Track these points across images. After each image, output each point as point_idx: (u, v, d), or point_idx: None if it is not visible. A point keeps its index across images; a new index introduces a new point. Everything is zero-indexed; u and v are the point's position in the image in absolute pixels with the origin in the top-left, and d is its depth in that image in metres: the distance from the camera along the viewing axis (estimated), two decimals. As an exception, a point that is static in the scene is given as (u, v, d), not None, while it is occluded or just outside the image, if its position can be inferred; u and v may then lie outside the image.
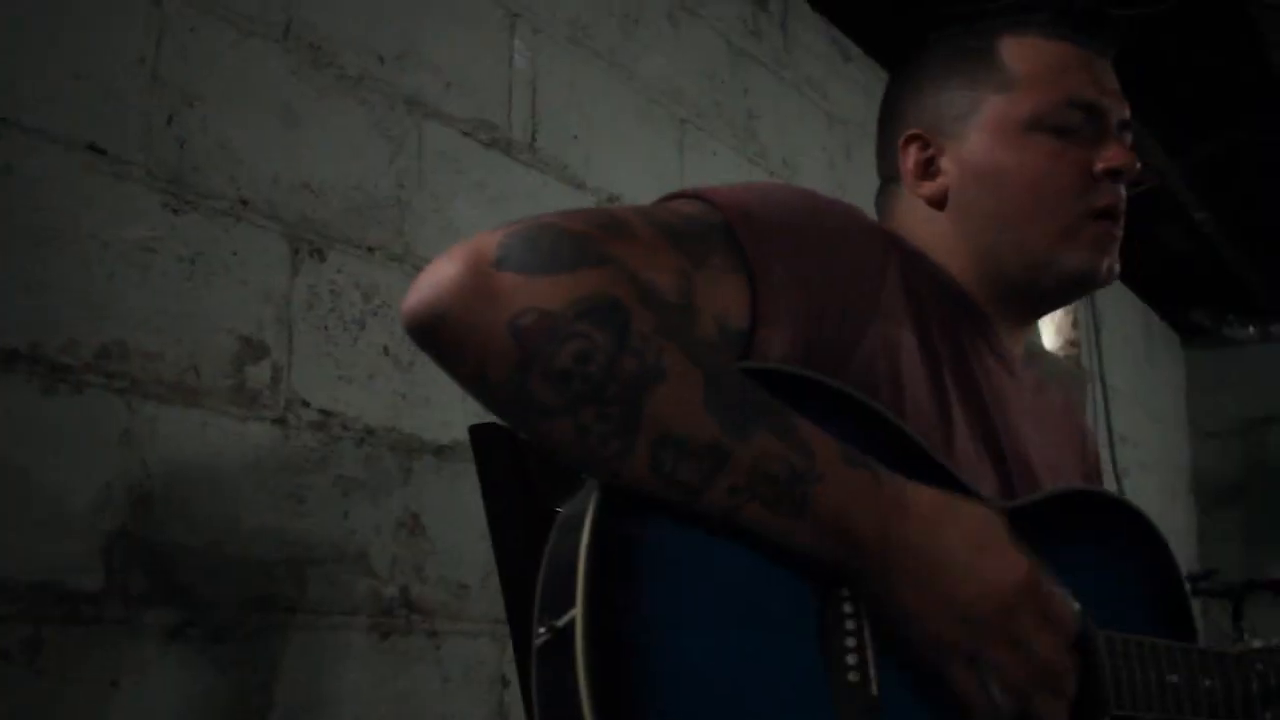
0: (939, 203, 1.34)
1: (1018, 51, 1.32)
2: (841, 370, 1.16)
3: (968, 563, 1.01)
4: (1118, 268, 1.33)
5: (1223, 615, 4.99)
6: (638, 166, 2.60)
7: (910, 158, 1.36)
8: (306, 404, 1.83)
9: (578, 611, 0.91)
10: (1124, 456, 5.13)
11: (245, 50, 1.81)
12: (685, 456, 0.94)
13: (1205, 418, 6.17)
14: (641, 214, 1.09)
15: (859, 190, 3.40)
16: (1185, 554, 5.74)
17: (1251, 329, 6.08)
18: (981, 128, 1.31)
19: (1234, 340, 6.11)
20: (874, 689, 1.00)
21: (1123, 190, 1.32)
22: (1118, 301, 5.43)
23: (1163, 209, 4.97)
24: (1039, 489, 1.30)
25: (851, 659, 1.00)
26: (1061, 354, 4.94)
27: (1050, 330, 4.98)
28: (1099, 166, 1.29)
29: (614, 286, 0.95)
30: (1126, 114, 1.33)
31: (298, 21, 1.89)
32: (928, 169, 1.35)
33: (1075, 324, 4.97)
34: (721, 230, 1.11)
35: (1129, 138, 1.33)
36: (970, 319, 1.33)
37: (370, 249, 1.96)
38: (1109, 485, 4.77)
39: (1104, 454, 4.82)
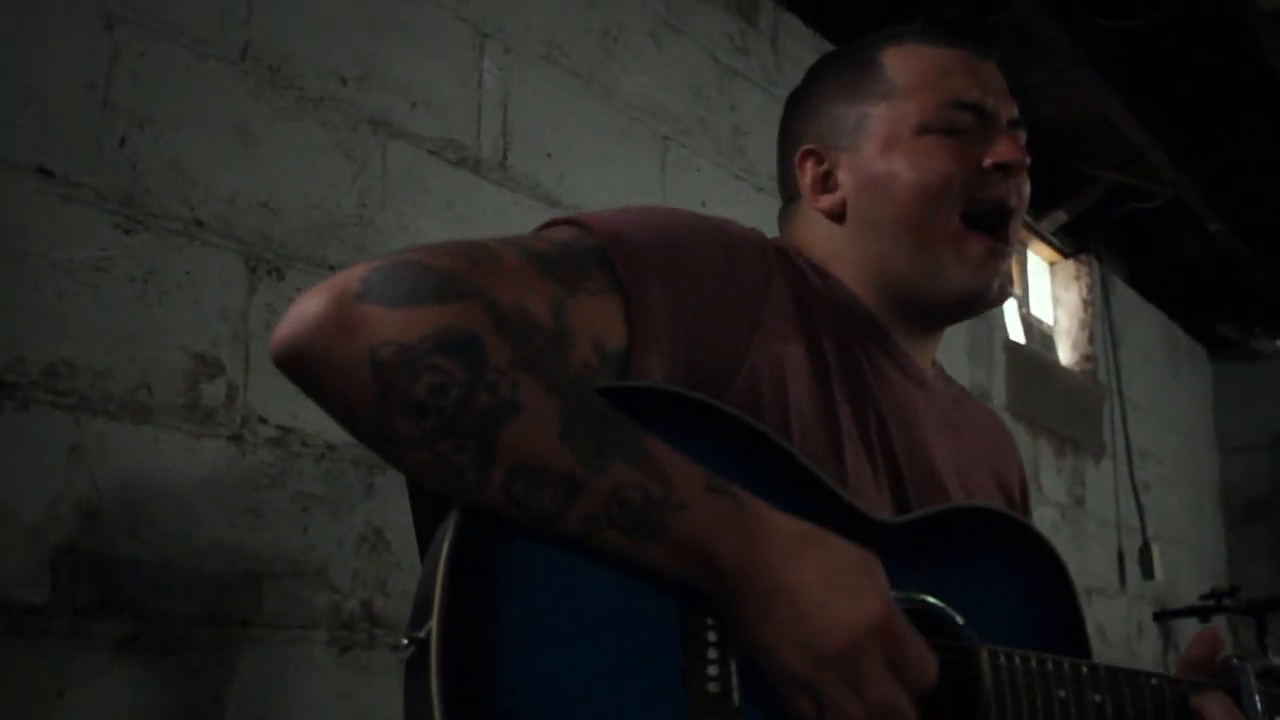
0: (838, 215, 1.36)
1: (899, 61, 1.35)
2: (725, 388, 1.16)
3: (821, 598, 0.99)
4: (1010, 287, 1.34)
5: (1247, 633, 4.91)
6: (617, 184, 2.61)
7: (808, 173, 1.38)
8: (264, 420, 1.86)
9: (433, 623, 0.92)
10: (1146, 471, 5.08)
11: (200, 73, 1.84)
12: (540, 486, 0.96)
13: (1233, 432, 6.09)
14: (512, 243, 1.11)
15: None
16: (1213, 570, 5.66)
17: (1279, 342, 6.00)
18: (873, 138, 1.34)
19: (1262, 354, 6.03)
20: (735, 699, 1.00)
21: (1023, 187, 1.34)
22: (1138, 315, 5.38)
23: (1179, 222, 4.94)
24: (946, 499, 1.30)
25: (713, 670, 1.00)
26: (1077, 369, 4.91)
27: (1066, 345, 4.95)
28: (988, 161, 1.31)
29: (472, 319, 0.97)
30: (1015, 113, 1.36)
31: (256, 44, 1.93)
32: (826, 183, 1.38)
33: (1091, 339, 4.93)
34: (596, 254, 1.13)
35: (1022, 136, 1.35)
36: (868, 331, 1.34)
37: (332, 267, 1.99)
38: (1125, 502, 4.70)
39: (1121, 470, 4.78)
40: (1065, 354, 4.96)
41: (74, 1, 1.70)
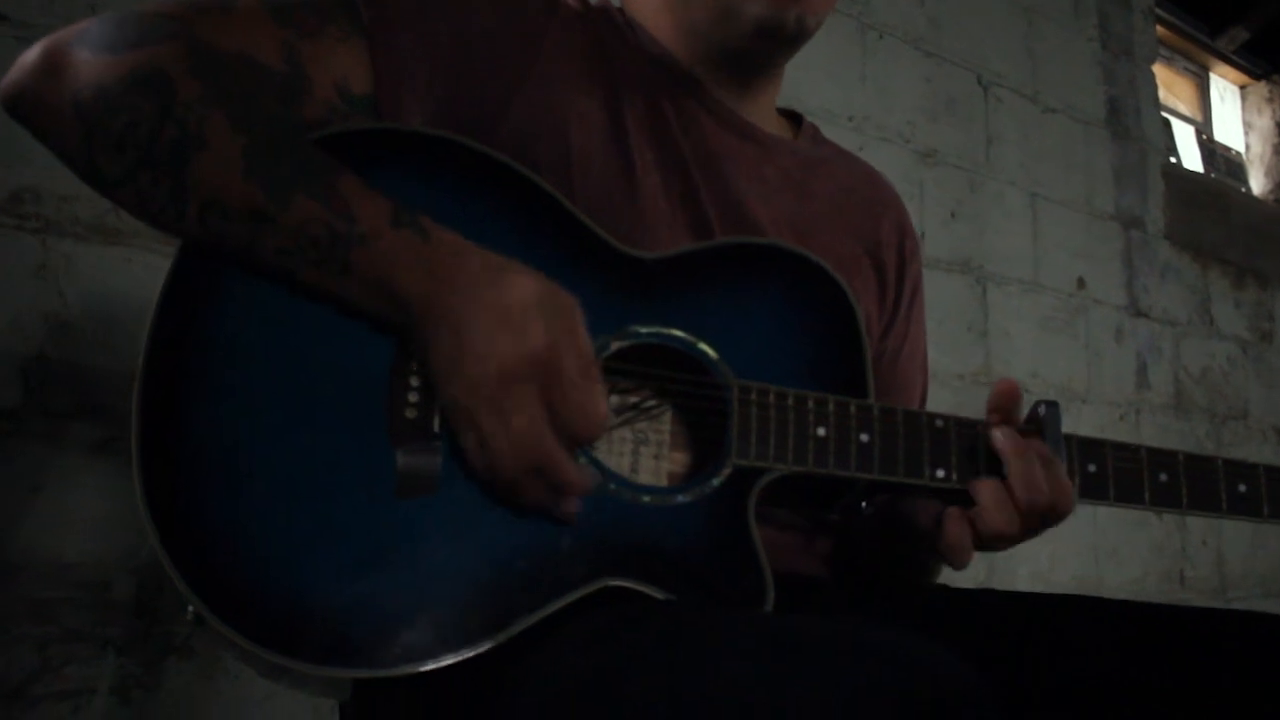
0: None
1: None
2: (492, 130, 1.17)
3: (488, 329, 0.99)
4: (812, 19, 1.27)
5: None
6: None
7: None
8: (243, 243, 1.96)
9: (140, 360, 0.99)
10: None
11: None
12: (230, 220, 0.99)
13: None
14: None
15: (954, 41, 3.20)
16: None
17: None
18: None
19: None
20: (435, 425, 1.02)
21: None
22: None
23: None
24: None
25: (413, 397, 1.03)
26: (1271, 199, 4.54)
27: (1259, 173, 4.60)
28: None
29: (168, 60, 1.01)
30: None
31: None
32: None
33: (1286, 163, 4.55)
34: (342, 2, 1.15)
35: None
36: (681, 84, 1.33)
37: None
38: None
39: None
40: (1258, 182, 4.58)
41: None
